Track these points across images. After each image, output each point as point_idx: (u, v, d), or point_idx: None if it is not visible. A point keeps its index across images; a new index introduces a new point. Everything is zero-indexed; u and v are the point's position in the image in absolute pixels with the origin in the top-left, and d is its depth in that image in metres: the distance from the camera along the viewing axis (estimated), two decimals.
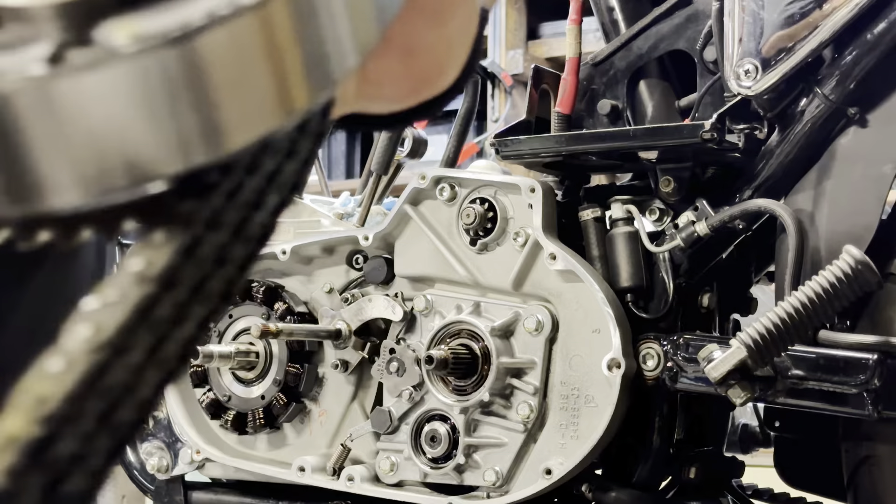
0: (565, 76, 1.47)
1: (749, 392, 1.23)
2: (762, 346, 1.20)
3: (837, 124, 1.31)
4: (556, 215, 1.42)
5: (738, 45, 1.31)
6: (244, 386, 1.54)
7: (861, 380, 1.21)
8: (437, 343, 1.41)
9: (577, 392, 1.36)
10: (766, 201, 1.31)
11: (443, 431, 1.41)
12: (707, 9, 1.38)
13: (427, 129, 2.13)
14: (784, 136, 1.33)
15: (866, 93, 1.29)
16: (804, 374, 1.24)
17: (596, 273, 1.38)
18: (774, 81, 1.29)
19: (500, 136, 1.46)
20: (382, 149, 1.61)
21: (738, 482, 1.53)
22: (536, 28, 3.67)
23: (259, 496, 1.57)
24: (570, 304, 1.38)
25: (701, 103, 1.39)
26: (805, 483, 1.50)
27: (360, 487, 1.46)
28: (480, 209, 1.42)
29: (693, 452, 1.46)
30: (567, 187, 1.49)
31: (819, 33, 1.27)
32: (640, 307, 1.39)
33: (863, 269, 1.20)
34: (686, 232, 1.35)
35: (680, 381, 1.33)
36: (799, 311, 1.20)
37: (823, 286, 1.20)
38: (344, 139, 4.12)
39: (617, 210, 1.41)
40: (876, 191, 1.27)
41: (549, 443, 1.38)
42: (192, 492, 1.63)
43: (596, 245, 1.42)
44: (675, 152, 1.37)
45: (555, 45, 3.53)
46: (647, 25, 1.45)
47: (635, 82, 1.48)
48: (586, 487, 1.40)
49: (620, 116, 1.47)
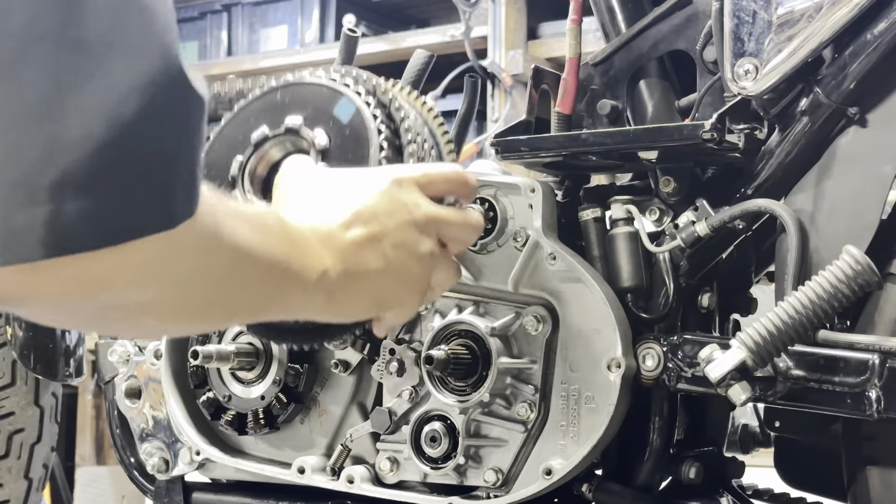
0: (565, 76, 1.47)
1: (749, 392, 1.23)
2: (762, 346, 1.20)
3: (837, 124, 1.31)
4: (556, 215, 1.42)
5: (738, 45, 1.31)
6: (244, 386, 1.54)
7: (861, 380, 1.21)
8: (437, 343, 1.41)
9: (577, 392, 1.36)
10: (766, 201, 1.31)
11: (443, 432, 1.41)
12: (707, 9, 1.38)
13: None
14: (784, 136, 1.33)
15: (866, 93, 1.29)
16: (804, 374, 1.24)
17: (596, 273, 1.38)
18: (774, 81, 1.29)
19: (500, 136, 1.46)
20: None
21: (738, 482, 1.53)
22: (536, 28, 3.67)
23: (259, 496, 1.57)
24: (570, 305, 1.37)
25: (701, 103, 1.39)
26: (805, 483, 1.50)
27: (361, 488, 1.46)
28: (480, 209, 1.42)
29: (693, 452, 1.46)
30: (567, 187, 1.49)
31: (819, 33, 1.27)
32: (640, 307, 1.39)
33: (863, 269, 1.20)
34: (686, 232, 1.35)
35: (680, 381, 1.33)
36: (799, 311, 1.20)
37: (823, 286, 1.20)
38: None
39: (617, 210, 1.41)
40: (876, 191, 1.28)
41: (549, 443, 1.38)
42: (193, 492, 1.63)
43: (596, 245, 1.42)
44: (675, 152, 1.37)
45: (555, 45, 3.53)
46: (647, 25, 1.45)
47: (635, 82, 1.48)
48: (586, 487, 1.40)
49: (620, 116, 1.47)
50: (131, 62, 0.67)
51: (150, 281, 0.73)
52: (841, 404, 1.24)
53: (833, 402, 1.24)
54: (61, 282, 0.67)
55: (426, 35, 3.85)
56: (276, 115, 1.20)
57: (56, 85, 0.63)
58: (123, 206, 0.67)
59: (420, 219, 1.04)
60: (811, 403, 1.27)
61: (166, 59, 0.69)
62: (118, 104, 0.65)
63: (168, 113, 0.69)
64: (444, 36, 3.72)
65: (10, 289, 0.66)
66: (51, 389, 1.75)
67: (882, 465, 1.29)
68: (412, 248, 1.03)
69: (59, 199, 0.63)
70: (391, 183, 1.04)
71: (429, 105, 1.27)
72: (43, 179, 0.63)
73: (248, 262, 0.83)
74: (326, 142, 1.16)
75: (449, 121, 1.32)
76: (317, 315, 1.01)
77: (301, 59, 4.05)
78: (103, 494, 3.76)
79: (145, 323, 0.78)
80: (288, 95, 1.22)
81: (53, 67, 0.64)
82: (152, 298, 0.74)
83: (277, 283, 0.89)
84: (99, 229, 0.65)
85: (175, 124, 0.70)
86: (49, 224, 0.63)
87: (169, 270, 0.74)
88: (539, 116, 1.52)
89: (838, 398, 1.24)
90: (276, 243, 0.89)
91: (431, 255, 1.06)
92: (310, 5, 4.14)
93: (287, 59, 4.09)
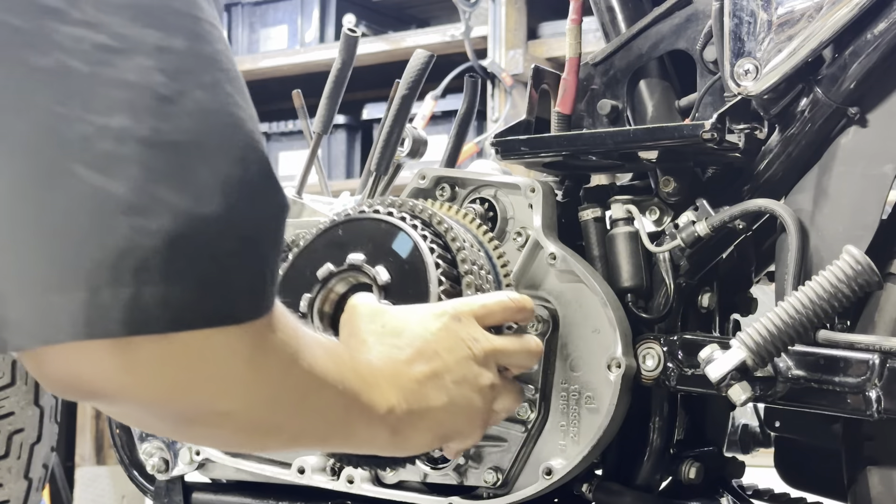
0: (565, 76, 1.47)
1: (749, 392, 1.23)
2: (762, 346, 1.20)
3: (837, 124, 1.31)
4: (557, 215, 1.42)
5: (738, 45, 1.31)
6: None
7: (861, 380, 1.21)
8: None
9: (577, 392, 1.36)
10: (766, 201, 1.31)
11: None
12: (707, 9, 1.38)
13: (427, 129, 2.13)
14: (784, 136, 1.33)
15: (866, 93, 1.29)
16: (804, 374, 1.24)
17: (596, 273, 1.38)
18: (774, 81, 1.29)
19: (500, 136, 1.46)
20: (382, 149, 1.61)
21: (738, 482, 1.53)
22: (536, 28, 3.67)
23: (259, 496, 1.57)
24: (570, 304, 1.37)
25: (701, 103, 1.39)
26: (805, 483, 1.50)
27: (361, 488, 1.46)
28: (480, 209, 1.42)
29: (693, 452, 1.46)
30: (567, 187, 1.49)
31: (819, 33, 1.27)
32: (640, 307, 1.39)
33: (863, 269, 1.20)
34: (686, 232, 1.35)
35: (680, 381, 1.33)
36: (799, 311, 1.20)
37: (823, 286, 1.20)
38: (344, 139, 4.12)
39: (617, 210, 1.41)
40: (876, 191, 1.27)
41: (549, 443, 1.38)
42: (193, 492, 1.63)
43: (596, 245, 1.42)
44: (675, 152, 1.37)
45: (555, 45, 3.53)
46: (647, 25, 1.45)
47: (635, 82, 1.48)
48: (586, 487, 1.40)
49: (620, 116, 1.47)
50: (216, 163, 0.73)
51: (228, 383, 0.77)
52: (841, 404, 1.24)
53: (833, 402, 1.24)
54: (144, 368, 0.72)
55: (426, 35, 3.85)
56: (338, 251, 1.24)
57: (145, 181, 0.70)
58: (198, 295, 0.72)
59: (479, 353, 1.10)
60: (811, 403, 1.27)
61: (251, 161, 0.75)
62: (201, 201, 0.71)
63: (249, 213, 0.75)
64: (444, 36, 3.72)
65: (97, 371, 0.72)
66: None
67: (882, 465, 1.29)
68: (473, 383, 1.09)
69: (140, 283, 0.69)
70: (450, 319, 1.10)
71: (483, 228, 1.33)
72: (127, 263, 0.69)
73: (320, 386, 0.88)
74: (388, 278, 1.20)
75: (449, 121, 1.33)
76: (379, 450, 1.05)
77: (301, 59, 4.05)
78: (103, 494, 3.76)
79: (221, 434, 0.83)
80: (349, 231, 1.26)
81: (144, 166, 0.70)
82: (229, 407, 0.79)
83: (345, 414, 0.93)
84: (173, 314, 0.71)
85: (254, 224, 0.76)
86: (130, 304, 0.69)
87: (247, 376, 0.78)
88: (539, 116, 1.52)
89: (838, 398, 1.24)
90: (347, 374, 0.93)
91: (492, 387, 1.11)
92: (310, 5, 4.14)
93: (287, 59, 4.09)
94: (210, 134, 0.73)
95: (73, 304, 0.69)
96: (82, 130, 0.69)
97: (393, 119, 1.61)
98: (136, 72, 0.71)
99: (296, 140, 4.05)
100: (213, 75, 0.74)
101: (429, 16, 4.33)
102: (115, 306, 0.69)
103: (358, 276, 1.24)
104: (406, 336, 1.06)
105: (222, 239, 0.73)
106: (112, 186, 0.69)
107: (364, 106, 4.06)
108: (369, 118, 4.04)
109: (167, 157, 0.71)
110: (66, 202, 0.69)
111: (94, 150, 0.69)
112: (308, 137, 1.77)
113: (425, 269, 1.20)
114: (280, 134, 4.10)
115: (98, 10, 0.71)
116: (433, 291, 1.18)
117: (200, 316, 0.73)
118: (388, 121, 1.61)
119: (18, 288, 0.69)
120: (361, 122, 4.10)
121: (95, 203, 0.69)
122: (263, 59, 4.10)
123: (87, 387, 0.74)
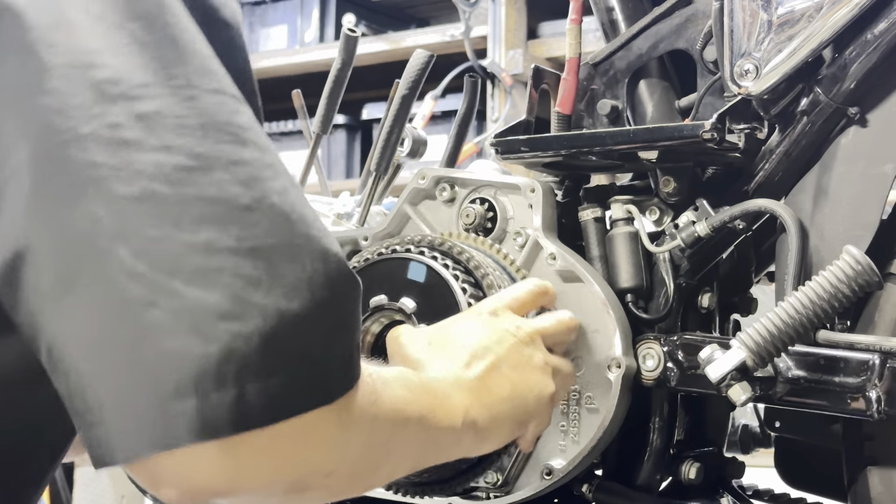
0: (565, 76, 1.47)
1: (749, 392, 1.23)
2: (762, 346, 1.20)
3: (837, 124, 1.31)
4: (556, 215, 1.42)
5: (738, 45, 1.30)
6: None
7: (861, 380, 1.21)
8: None
9: (577, 392, 1.36)
10: (766, 201, 1.31)
11: None
12: (707, 9, 1.38)
13: (427, 129, 2.13)
14: (784, 136, 1.33)
15: (866, 93, 1.29)
16: (804, 374, 1.24)
17: (596, 273, 1.38)
18: (774, 81, 1.29)
19: (500, 136, 1.46)
20: (382, 149, 1.61)
21: (738, 482, 1.53)
22: (536, 28, 3.67)
23: None
24: (571, 305, 1.37)
25: (701, 103, 1.39)
26: (805, 483, 1.50)
27: None
28: (480, 209, 1.42)
29: (693, 452, 1.46)
30: (567, 187, 1.49)
31: (819, 33, 1.27)
32: (640, 307, 1.39)
33: (863, 269, 1.20)
34: (686, 232, 1.35)
35: (680, 382, 1.33)
36: (799, 312, 1.20)
37: (823, 286, 1.20)
38: (343, 139, 4.12)
39: (617, 210, 1.41)
40: (876, 191, 1.27)
41: (549, 443, 1.37)
42: None
43: (596, 245, 1.42)
44: (675, 152, 1.37)
45: (555, 45, 3.54)
46: (647, 25, 1.45)
47: (635, 82, 1.48)
48: (586, 488, 1.40)
49: (620, 116, 1.47)
50: (299, 261, 0.78)
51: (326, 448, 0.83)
52: (841, 404, 1.24)
53: (833, 402, 1.24)
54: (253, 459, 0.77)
55: (426, 35, 3.85)
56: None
57: (234, 288, 0.75)
58: (296, 385, 0.77)
59: (525, 337, 1.17)
60: (811, 403, 1.26)
61: (329, 255, 0.80)
62: (289, 299, 0.77)
63: (332, 301, 0.80)
64: (444, 36, 3.72)
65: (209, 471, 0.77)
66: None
67: (882, 465, 1.29)
68: (529, 364, 1.15)
69: (242, 383, 0.74)
70: (489, 315, 1.18)
71: (480, 238, 1.40)
72: (229, 367, 0.74)
73: (405, 419, 0.93)
74: (415, 304, 1.28)
75: (449, 121, 1.33)
76: (470, 452, 1.10)
77: (301, 59, 4.05)
78: (103, 494, 3.76)
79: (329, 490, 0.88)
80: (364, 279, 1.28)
81: (234, 273, 0.75)
82: (330, 468, 0.84)
83: (430, 433, 0.98)
84: (274, 407, 0.76)
85: (338, 310, 0.81)
86: (235, 404, 0.74)
87: (341, 436, 0.83)
88: (539, 116, 1.52)
89: (838, 398, 1.23)
90: (422, 396, 0.98)
91: (546, 363, 1.18)
92: (309, 5, 4.14)
93: (287, 59, 4.09)
94: (289, 235, 0.79)
95: (188, 410, 0.73)
96: (175, 249, 0.74)
97: (393, 119, 1.61)
98: (215, 186, 0.76)
99: (296, 140, 4.05)
100: (281, 181, 0.80)
101: (428, 16, 4.33)
102: (222, 407, 0.74)
103: (387, 315, 1.31)
104: (454, 344, 1.12)
105: (312, 330, 0.78)
106: (208, 297, 0.74)
107: (364, 106, 4.06)
108: (369, 118, 4.05)
109: (254, 262, 0.76)
110: (169, 318, 0.73)
111: (188, 266, 0.74)
112: (308, 137, 1.77)
113: (446, 283, 1.28)
114: (280, 134, 4.10)
115: (171, 133, 0.76)
116: (461, 301, 1.26)
117: (299, 403, 0.78)
118: (387, 121, 1.61)
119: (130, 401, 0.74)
120: (361, 122, 4.10)
121: (196, 315, 0.74)
122: (263, 59, 4.10)
123: (202, 488, 0.78)
